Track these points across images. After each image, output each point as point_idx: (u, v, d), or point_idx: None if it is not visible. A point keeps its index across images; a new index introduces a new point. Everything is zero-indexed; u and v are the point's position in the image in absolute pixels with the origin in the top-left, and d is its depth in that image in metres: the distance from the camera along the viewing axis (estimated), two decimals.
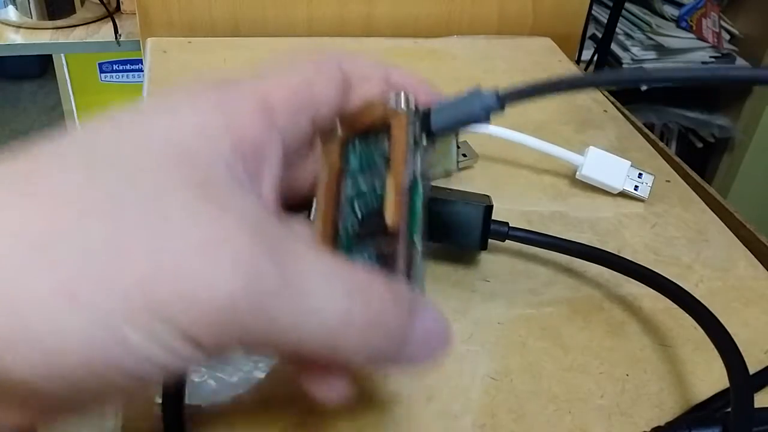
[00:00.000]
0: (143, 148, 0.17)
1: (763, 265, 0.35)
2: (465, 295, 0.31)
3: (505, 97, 0.21)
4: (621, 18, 1.23)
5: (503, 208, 0.37)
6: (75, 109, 1.04)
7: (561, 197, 0.38)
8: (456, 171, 0.39)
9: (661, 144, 0.44)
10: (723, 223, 0.38)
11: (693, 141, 1.43)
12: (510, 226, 0.32)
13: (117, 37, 0.88)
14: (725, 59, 1.35)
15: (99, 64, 1.02)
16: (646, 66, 1.30)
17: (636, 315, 0.31)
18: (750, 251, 0.36)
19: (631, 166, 0.38)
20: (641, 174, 0.38)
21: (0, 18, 0.92)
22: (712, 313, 0.28)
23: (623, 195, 0.38)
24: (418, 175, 0.20)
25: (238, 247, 0.15)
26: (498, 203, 0.33)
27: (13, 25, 0.92)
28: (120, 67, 1.03)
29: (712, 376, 0.29)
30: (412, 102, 0.21)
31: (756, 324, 0.31)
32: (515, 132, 0.38)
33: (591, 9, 1.17)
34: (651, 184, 0.38)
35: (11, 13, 0.91)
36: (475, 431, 0.25)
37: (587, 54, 1.18)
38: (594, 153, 0.38)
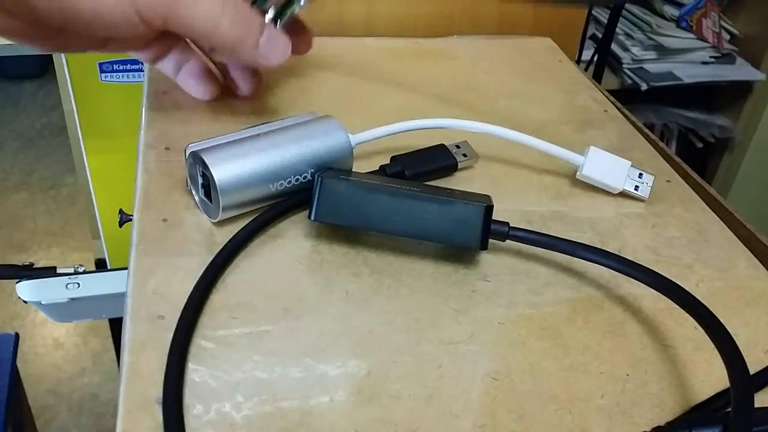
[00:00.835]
0: None
1: (764, 265, 0.35)
2: (465, 295, 0.31)
3: None
4: (621, 18, 1.24)
5: (503, 208, 0.37)
6: (75, 109, 1.03)
7: (561, 197, 0.38)
8: None
9: (661, 144, 0.44)
10: (723, 223, 0.38)
11: (693, 141, 1.43)
12: (510, 225, 0.32)
13: None
14: (725, 59, 1.35)
15: (99, 64, 1.02)
16: (646, 67, 1.30)
17: (636, 315, 0.31)
18: (750, 251, 0.36)
19: (632, 166, 0.38)
20: (642, 174, 0.38)
21: None
22: (712, 313, 0.28)
23: (624, 195, 0.38)
24: None
25: None
26: (498, 203, 0.33)
27: None
28: (120, 67, 1.03)
29: (712, 376, 0.29)
30: None
31: (756, 324, 0.31)
32: (515, 132, 0.38)
33: (591, 9, 1.17)
34: (651, 184, 0.38)
35: None
36: (475, 431, 0.25)
37: (587, 54, 1.18)
38: (594, 153, 0.38)
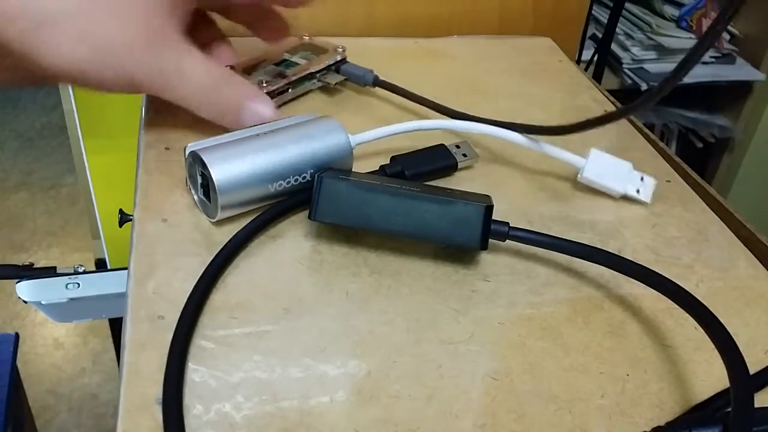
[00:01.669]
0: None
1: (764, 265, 0.35)
2: (465, 295, 0.31)
3: None
4: (621, 18, 1.23)
5: (503, 208, 0.37)
6: (75, 109, 1.03)
7: (562, 198, 0.38)
8: None
9: (661, 144, 0.44)
10: (723, 223, 0.38)
11: (693, 141, 1.43)
12: (510, 226, 0.32)
13: None
14: (725, 59, 1.35)
15: None
16: (646, 67, 1.30)
17: (636, 315, 0.31)
18: (750, 251, 0.36)
19: (634, 169, 0.38)
20: (643, 177, 0.38)
21: None
22: (712, 313, 0.28)
23: (625, 198, 0.38)
24: None
25: (143, 18, 0.32)
26: (498, 203, 0.33)
27: None
28: None
29: (712, 376, 0.29)
30: None
31: (756, 324, 0.31)
32: (516, 134, 0.38)
33: (591, 9, 1.17)
34: (653, 187, 0.38)
35: None
36: (476, 431, 0.25)
37: (587, 54, 1.18)
38: (596, 155, 0.38)
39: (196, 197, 0.34)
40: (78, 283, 0.70)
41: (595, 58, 1.17)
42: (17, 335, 0.81)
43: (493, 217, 0.32)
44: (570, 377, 0.28)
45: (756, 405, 0.24)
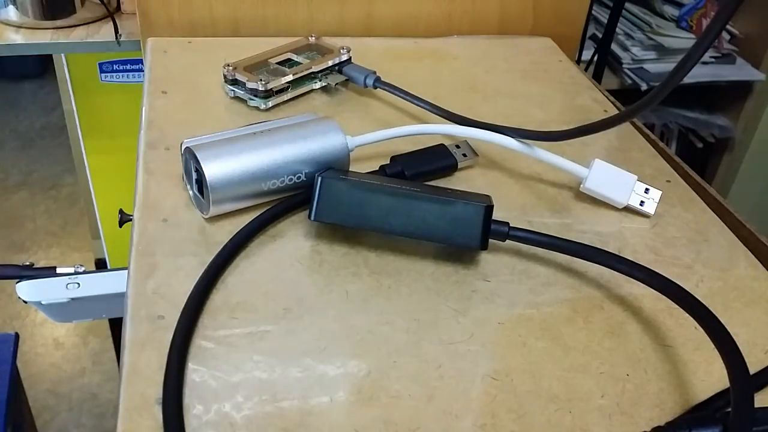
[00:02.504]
0: None
1: (763, 265, 0.35)
2: (465, 295, 0.31)
3: None
4: (621, 18, 1.23)
5: (503, 207, 0.37)
6: (75, 109, 1.04)
7: (562, 201, 0.38)
8: None
9: (661, 144, 0.44)
10: (723, 223, 0.38)
11: (693, 141, 1.43)
12: (510, 225, 0.32)
13: (117, 37, 0.88)
14: (725, 59, 1.35)
15: (99, 64, 1.02)
16: (646, 67, 1.30)
17: (636, 315, 0.31)
18: (750, 251, 0.36)
19: (638, 180, 0.37)
20: (648, 189, 0.37)
21: (0, 18, 0.92)
22: (712, 313, 0.28)
23: (628, 209, 0.38)
24: None
25: None
26: (498, 203, 0.33)
27: (13, 25, 0.92)
28: (120, 67, 1.03)
29: (712, 376, 0.29)
30: None
31: (756, 324, 0.31)
32: (518, 142, 0.37)
33: (591, 9, 1.17)
34: (658, 200, 0.37)
35: (11, 13, 0.91)
36: (476, 431, 0.25)
37: (587, 54, 1.18)
38: (599, 166, 0.37)
39: (190, 192, 0.34)
40: (78, 283, 0.70)
41: (595, 58, 1.17)
42: (17, 335, 0.81)
43: (493, 217, 0.32)
44: (570, 377, 0.28)
45: (756, 405, 0.24)
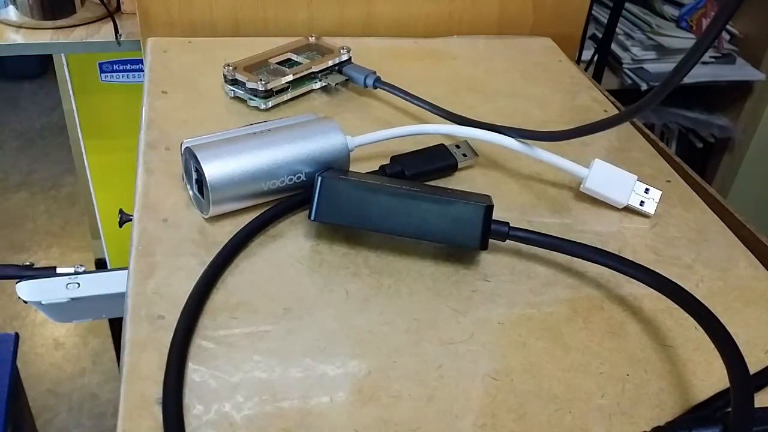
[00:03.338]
0: None
1: (763, 265, 0.35)
2: (465, 295, 0.31)
3: None
4: (621, 18, 1.23)
5: (502, 207, 0.37)
6: (75, 109, 1.03)
7: (562, 201, 0.38)
8: None
9: (661, 144, 0.44)
10: (723, 223, 0.38)
11: (693, 141, 1.43)
12: (510, 225, 0.32)
13: (117, 37, 0.88)
14: (725, 59, 1.35)
15: (99, 64, 1.02)
16: (646, 67, 1.30)
17: (636, 315, 0.31)
18: (750, 251, 0.36)
19: (638, 180, 0.37)
20: (648, 189, 0.37)
21: (0, 18, 0.92)
22: (712, 313, 0.28)
23: (628, 209, 0.38)
24: None
25: None
26: (498, 203, 0.33)
27: (13, 25, 0.92)
28: (120, 67, 1.03)
29: (712, 376, 0.29)
30: None
31: (756, 324, 0.31)
32: (518, 142, 0.37)
33: (591, 9, 1.17)
34: (658, 200, 0.37)
35: (11, 13, 0.91)
36: (476, 431, 0.25)
37: (587, 54, 1.18)
38: (599, 166, 0.37)
39: (190, 192, 0.34)
40: (78, 283, 0.70)
41: (595, 58, 1.17)
42: (17, 335, 0.81)
43: (493, 217, 0.32)
44: (570, 377, 0.28)
45: (756, 405, 0.24)
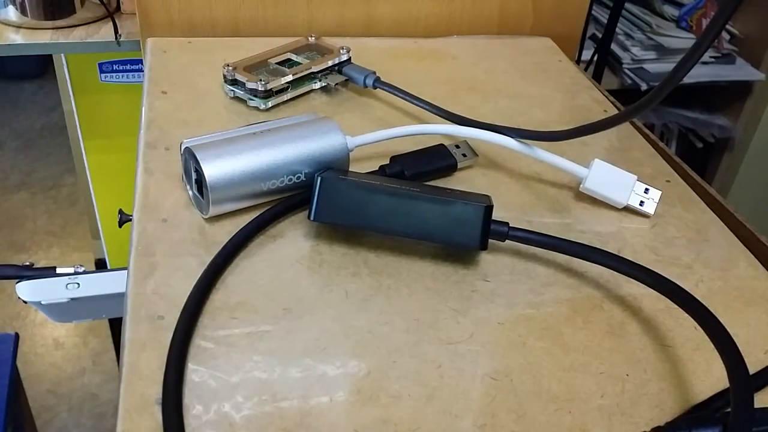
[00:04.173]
0: None
1: (763, 265, 0.35)
2: (465, 295, 0.31)
3: None
4: (621, 18, 1.23)
5: (502, 207, 0.37)
6: (75, 109, 1.04)
7: (562, 201, 0.38)
8: None
9: (661, 144, 0.44)
10: (723, 223, 0.38)
11: (693, 141, 1.43)
12: (510, 226, 0.32)
13: (117, 37, 0.88)
14: (725, 59, 1.35)
15: (99, 64, 1.02)
16: (646, 67, 1.30)
17: (636, 315, 0.31)
18: (750, 251, 0.36)
19: (638, 180, 0.37)
20: (648, 189, 0.37)
21: (0, 18, 0.92)
22: (712, 313, 0.28)
23: (628, 209, 0.37)
24: None
25: None
26: (497, 203, 0.33)
27: (13, 25, 0.92)
28: (120, 67, 1.03)
29: (712, 376, 0.29)
30: None
31: (756, 324, 0.31)
32: (517, 142, 0.37)
33: (591, 9, 1.17)
34: (657, 200, 0.37)
35: (11, 13, 0.91)
36: (475, 431, 0.25)
37: (587, 54, 1.18)
38: (599, 166, 0.37)
39: (190, 192, 0.34)
40: (78, 283, 0.70)
41: (595, 58, 1.17)
42: (17, 335, 0.81)
43: (493, 217, 0.32)
44: (570, 377, 0.28)
45: (756, 405, 0.24)
